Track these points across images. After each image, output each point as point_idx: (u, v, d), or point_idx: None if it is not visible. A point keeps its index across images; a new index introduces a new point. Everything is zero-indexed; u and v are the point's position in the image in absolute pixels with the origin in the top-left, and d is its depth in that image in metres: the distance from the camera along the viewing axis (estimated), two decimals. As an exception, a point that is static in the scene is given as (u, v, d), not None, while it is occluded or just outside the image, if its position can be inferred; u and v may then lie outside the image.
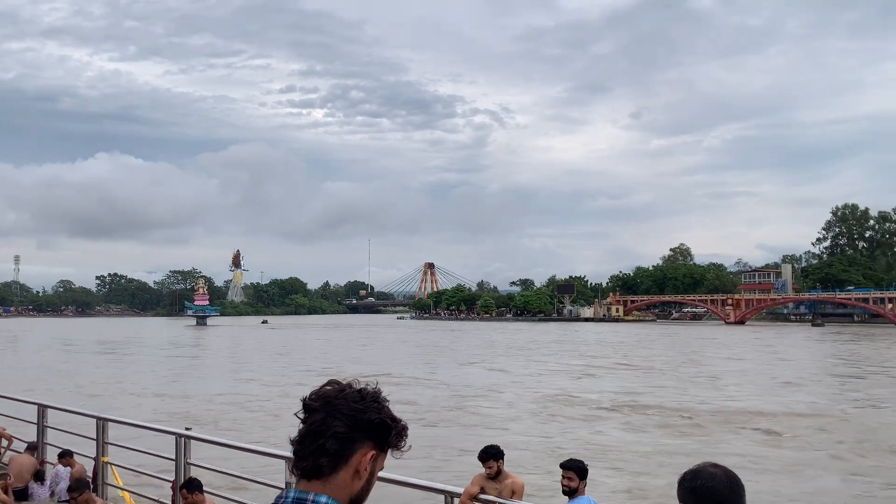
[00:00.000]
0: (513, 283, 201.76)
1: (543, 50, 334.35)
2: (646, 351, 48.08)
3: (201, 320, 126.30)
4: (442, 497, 4.52)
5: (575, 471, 5.05)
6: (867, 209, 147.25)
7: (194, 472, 6.12)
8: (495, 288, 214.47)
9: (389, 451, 1.49)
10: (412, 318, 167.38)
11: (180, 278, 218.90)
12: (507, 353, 46.40)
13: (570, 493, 5.03)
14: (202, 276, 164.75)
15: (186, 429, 7.06)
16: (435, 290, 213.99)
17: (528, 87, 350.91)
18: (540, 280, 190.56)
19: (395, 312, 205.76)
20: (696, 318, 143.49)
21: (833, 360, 40.19)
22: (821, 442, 15.44)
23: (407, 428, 1.51)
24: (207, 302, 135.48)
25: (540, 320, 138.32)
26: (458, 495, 4.65)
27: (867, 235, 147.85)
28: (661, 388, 25.43)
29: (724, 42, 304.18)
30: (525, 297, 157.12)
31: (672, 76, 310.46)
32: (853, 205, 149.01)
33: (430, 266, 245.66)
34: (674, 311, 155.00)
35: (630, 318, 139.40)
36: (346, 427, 1.42)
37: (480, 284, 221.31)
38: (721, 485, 1.89)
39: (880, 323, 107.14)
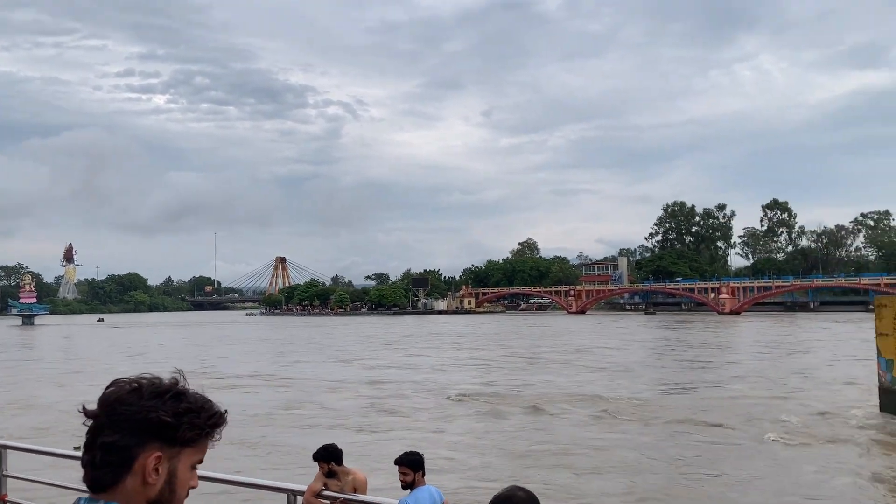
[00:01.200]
0: (368, 278, 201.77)
1: (397, 44, 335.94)
2: (496, 341, 49.83)
3: (28, 319, 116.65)
4: (285, 496, 4.50)
5: (407, 464, 5.20)
6: (693, 206, 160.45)
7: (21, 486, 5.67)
8: (350, 282, 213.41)
9: (205, 445, 1.39)
10: (262, 314, 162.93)
11: (3, 274, 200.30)
12: (381, 347, 46.39)
13: (409, 486, 5.19)
14: (29, 272, 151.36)
15: (75, 448, 6.36)
16: (287, 285, 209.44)
17: (382, 80, 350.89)
18: (395, 274, 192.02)
19: (244, 308, 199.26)
20: (541, 308, 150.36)
21: (660, 345, 43.59)
22: (634, 421, 16.70)
23: (216, 415, 1.39)
24: (35, 300, 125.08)
25: (395, 314, 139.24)
26: (302, 493, 4.66)
27: (693, 231, 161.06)
28: (512, 376, 26.48)
29: (567, 46, 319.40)
30: (380, 292, 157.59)
31: (520, 77, 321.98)
32: (682, 202, 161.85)
33: (282, 260, 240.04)
34: (522, 303, 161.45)
35: (481, 310, 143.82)
36: (117, 434, 1.32)
37: (335, 279, 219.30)
38: None
39: (704, 311, 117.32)
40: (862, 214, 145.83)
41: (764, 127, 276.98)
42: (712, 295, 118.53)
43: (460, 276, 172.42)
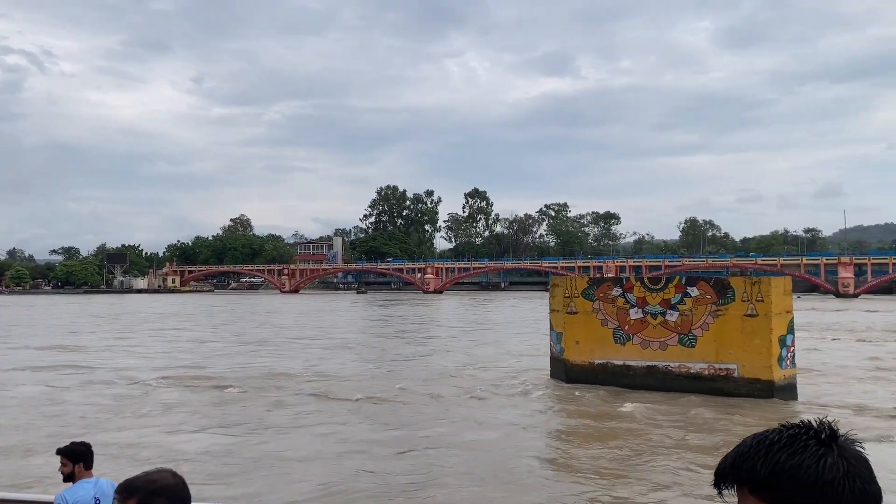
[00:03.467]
0: (54, 252, 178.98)
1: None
2: (196, 321, 47.16)
3: None
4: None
5: (66, 455, 4.74)
6: (405, 191, 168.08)
7: None
8: (31, 257, 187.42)
9: None
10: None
11: None
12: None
13: (69, 477, 4.68)
14: None
15: None
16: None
17: (76, 32, 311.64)
18: (88, 249, 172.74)
19: None
20: (253, 287, 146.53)
21: (369, 321, 44.92)
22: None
23: None
24: None
25: (85, 292, 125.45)
26: None
27: (404, 214, 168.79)
28: (211, 356, 25.05)
29: (286, 20, 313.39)
30: (68, 268, 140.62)
31: (235, 45, 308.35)
32: (394, 186, 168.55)
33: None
34: (232, 282, 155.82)
35: (187, 288, 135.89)
36: None
37: (12, 253, 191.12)
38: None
39: (412, 290, 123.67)
40: (545, 206, 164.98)
41: (468, 120, 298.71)
42: (419, 275, 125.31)
43: (165, 253, 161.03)
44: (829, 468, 1.30)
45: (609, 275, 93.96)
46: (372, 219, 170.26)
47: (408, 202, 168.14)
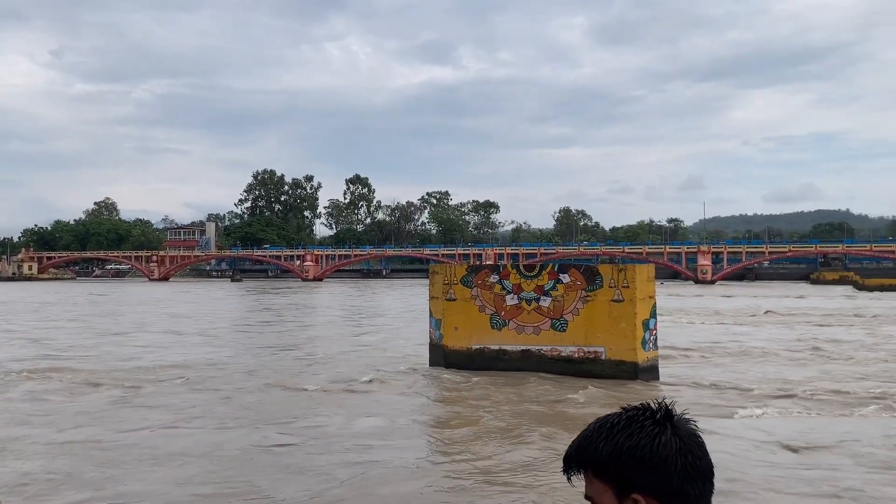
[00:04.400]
0: None
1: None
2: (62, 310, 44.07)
3: None
4: None
5: None
6: (283, 175, 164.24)
7: None
8: None
9: None
10: None
11: None
12: None
13: None
14: None
15: None
16: None
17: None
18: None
19: None
20: (119, 274, 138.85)
21: (244, 311, 43.63)
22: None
23: None
24: None
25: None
26: None
27: (282, 199, 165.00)
28: (79, 348, 23.48)
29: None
30: None
31: (100, 18, 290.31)
32: (271, 170, 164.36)
33: None
34: (96, 269, 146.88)
35: (46, 276, 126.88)
36: None
37: None
38: None
39: (290, 277, 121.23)
40: (427, 193, 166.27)
41: (350, 105, 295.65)
42: (298, 262, 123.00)
43: (20, 238, 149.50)
44: (663, 446, 1.40)
45: (488, 262, 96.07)
46: (248, 204, 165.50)
47: (286, 187, 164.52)
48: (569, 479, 1.52)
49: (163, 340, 25.94)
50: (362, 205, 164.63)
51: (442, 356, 17.88)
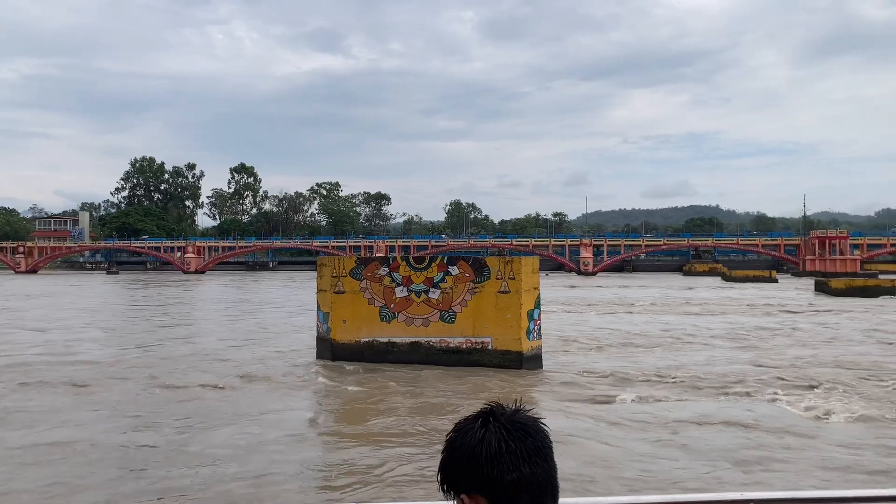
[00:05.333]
0: None
1: None
2: None
3: None
4: None
5: None
6: (163, 163, 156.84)
7: None
8: None
9: None
10: None
11: None
12: None
13: None
14: None
15: None
16: None
17: None
18: None
19: None
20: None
21: (121, 305, 41.40)
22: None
23: None
24: None
25: None
26: None
27: (162, 188, 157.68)
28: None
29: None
30: None
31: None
32: (151, 158, 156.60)
33: None
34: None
35: None
36: None
37: None
38: None
39: (170, 270, 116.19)
40: (317, 184, 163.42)
41: (235, 92, 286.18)
42: (178, 254, 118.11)
43: None
44: (471, 438, 1.45)
45: (379, 254, 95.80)
46: (125, 193, 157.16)
47: (167, 175, 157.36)
48: (446, 497, 1.56)
49: (23, 338, 24.24)
50: (248, 195, 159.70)
51: (330, 350, 17.69)
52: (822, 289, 50.19)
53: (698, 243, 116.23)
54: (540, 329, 17.22)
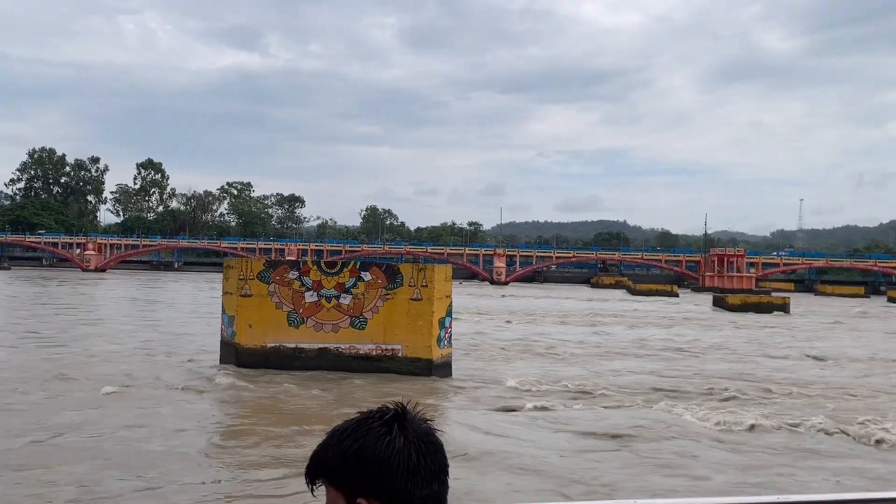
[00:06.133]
0: None
1: None
2: None
3: None
4: None
5: None
6: (64, 155, 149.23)
7: None
8: None
9: None
10: None
11: None
12: None
13: None
14: None
15: None
16: None
17: None
18: None
19: None
20: None
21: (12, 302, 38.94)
22: None
23: None
24: None
25: None
26: None
27: (62, 181, 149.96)
28: None
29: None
30: None
31: None
32: (51, 149, 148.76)
33: None
34: None
35: None
36: None
37: None
38: None
39: (68, 267, 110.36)
40: (228, 183, 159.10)
41: (145, 85, 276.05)
42: (78, 251, 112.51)
43: None
44: (387, 446, 1.40)
45: (291, 258, 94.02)
46: (21, 185, 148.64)
47: (68, 168, 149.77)
48: (311, 490, 1.48)
49: None
50: (154, 191, 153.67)
51: (234, 355, 17.10)
52: (719, 304, 52.58)
53: (606, 257, 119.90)
54: (451, 337, 17.21)
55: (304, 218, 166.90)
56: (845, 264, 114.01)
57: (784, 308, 48.38)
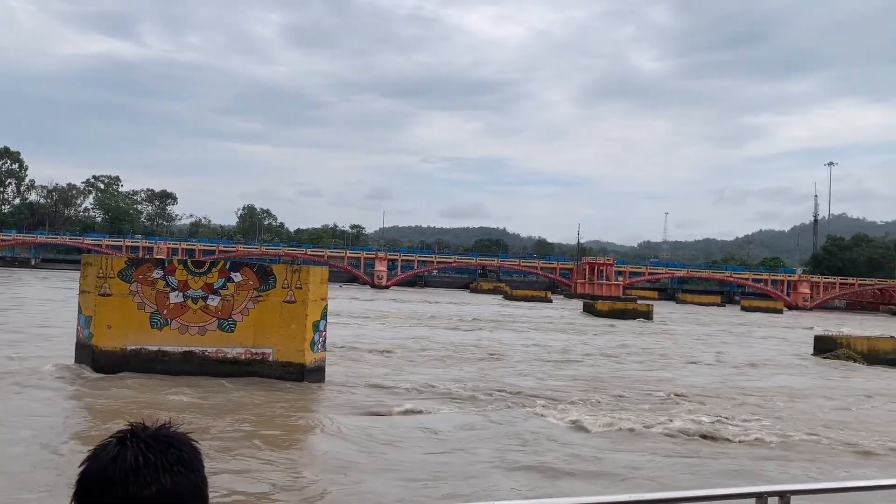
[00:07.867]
0: None
1: None
2: None
3: None
4: None
5: None
6: None
7: None
8: None
9: None
10: None
11: None
12: None
13: None
14: None
15: None
16: None
17: None
18: None
19: None
20: None
21: None
22: None
23: None
24: None
25: None
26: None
27: None
28: None
29: None
30: None
31: None
32: None
33: None
34: None
35: None
36: None
37: None
38: None
39: None
40: (94, 177, 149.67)
41: (4, 68, 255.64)
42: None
43: None
44: (122, 461, 1.36)
45: (161, 256, 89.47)
46: None
47: None
48: None
49: None
50: (10, 182, 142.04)
51: (91, 357, 16.06)
52: (588, 310, 54.88)
53: (485, 263, 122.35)
54: (325, 341, 16.94)
55: (177, 216, 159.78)
56: (704, 275, 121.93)
57: (647, 315, 51.12)
